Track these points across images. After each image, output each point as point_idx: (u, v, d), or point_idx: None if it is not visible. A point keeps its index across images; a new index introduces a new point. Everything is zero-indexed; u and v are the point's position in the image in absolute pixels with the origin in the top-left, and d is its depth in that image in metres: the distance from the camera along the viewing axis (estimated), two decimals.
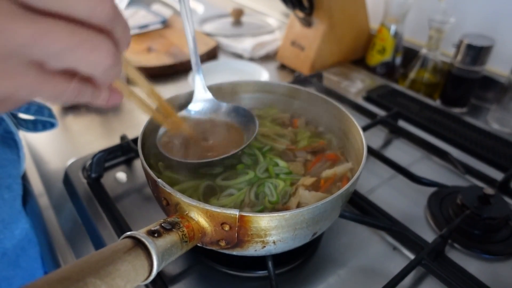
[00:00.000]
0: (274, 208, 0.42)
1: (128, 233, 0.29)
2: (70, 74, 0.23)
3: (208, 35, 1.10)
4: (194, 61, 0.48)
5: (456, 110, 0.82)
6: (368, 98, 0.83)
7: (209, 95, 0.52)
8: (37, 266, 0.54)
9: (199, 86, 0.51)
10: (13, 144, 0.51)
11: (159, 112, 0.43)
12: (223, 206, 0.42)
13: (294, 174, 0.47)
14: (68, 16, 0.21)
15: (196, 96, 0.51)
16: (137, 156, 0.62)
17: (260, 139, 0.52)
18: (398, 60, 0.96)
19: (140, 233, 0.29)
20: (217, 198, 0.43)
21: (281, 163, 0.48)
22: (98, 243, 0.49)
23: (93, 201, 0.54)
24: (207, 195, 0.44)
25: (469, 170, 0.62)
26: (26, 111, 0.50)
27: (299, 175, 0.47)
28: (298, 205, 0.42)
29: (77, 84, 0.23)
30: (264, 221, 0.34)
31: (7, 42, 0.19)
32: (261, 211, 0.42)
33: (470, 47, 0.75)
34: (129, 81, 0.39)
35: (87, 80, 0.24)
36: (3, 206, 0.48)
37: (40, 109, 0.51)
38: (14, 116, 0.51)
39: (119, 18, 0.23)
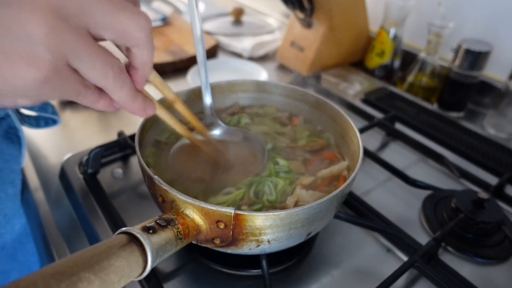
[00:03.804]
0: (272, 207, 0.43)
1: (123, 229, 0.29)
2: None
3: (208, 33, 1.10)
4: (204, 82, 0.48)
5: (453, 115, 0.83)
6: (366, 101, 0.84)
7: (218, 121, 0.51)
8: (34, 260, 0.54)
9: (208, 111, 0.50)
10: (16, 140, 0.51)
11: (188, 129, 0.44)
12: (220, 204, 0.42)
13: (293, 173, 0.47)
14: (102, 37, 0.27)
15: (206, 120, 0.50)
16: (134, 152, 0.62)
17: (262, 137, 0.52)
18: (397, 63, 0.96)
19: (135, 229, 0.29)
20: (215, 196, 0.43)
21: (282, 161, 0.48)
22: (93, 239, 0.49)
23: (89, 197, 0.54)
24: (207, 194, 0.44)
25: (464, 174, 0.62)
26: (31, 108, 0.50)
27: (299, 174, 0.47)
28: (296, 205, 0.42)
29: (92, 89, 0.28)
30: (259, 220, 0.34)
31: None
32: (260, 209, 0.42)
33: (468, 52, 0.75)
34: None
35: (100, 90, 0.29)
36: (7, 201, 0.48)
37: (44, 106, 0.51)
38: (17, 112, 0.51)
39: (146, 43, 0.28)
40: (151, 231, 0.30)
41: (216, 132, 0.50)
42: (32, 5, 0.22)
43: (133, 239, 0.28)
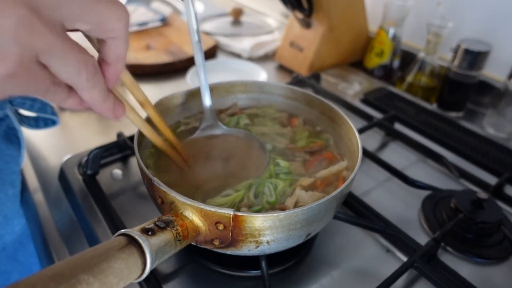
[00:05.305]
0: (272, 208, 0.43)
1: (122, 230, 0.29)
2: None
3: (207, 34, 1.10)
4: (203, 83, 0.48)
5: (452, 114, 0.83)
6: (365, 101, 0.84)
7: (218, 122, 0.51)
8: (35, 261, 0.54)
9: (208, 112, 0.50)
10: (16, 141, 0.51)
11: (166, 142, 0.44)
12: (219, 205, 0.42)
13: (293, 174, 0.47)
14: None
15: (206, 122, 0.50)
16: (133, 153, 0.62)
17: (261, 138, 0.52)
18: (396, 63, 0.96)
19: (134, 231, 0.29)
20: (214, 198, 0.43)
21: (282, 162, 0.48)
22: (92, 240, 0.49)
23: (88, 198, 0.54)
24: (206, 196, 0.44)
25: (463, 174, 0.62)
26: (30, 108, 0.50)
27: (299, 175, 0.47)
28: (296, 206, 0.42)
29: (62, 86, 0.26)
30: (258, 221, 0.34)
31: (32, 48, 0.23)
32: (259, 211, 0.42)
33: (467, 52, 0.75)
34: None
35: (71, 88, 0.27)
36: (7, 202, 0.48)
37: (43, 107, 0.51)
38: (16, 113, 0.51)
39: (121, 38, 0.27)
40: (150, 233, 0.30)
41: (217, 133, 0.50)
42: None
43: (132, 241, 0.29)
